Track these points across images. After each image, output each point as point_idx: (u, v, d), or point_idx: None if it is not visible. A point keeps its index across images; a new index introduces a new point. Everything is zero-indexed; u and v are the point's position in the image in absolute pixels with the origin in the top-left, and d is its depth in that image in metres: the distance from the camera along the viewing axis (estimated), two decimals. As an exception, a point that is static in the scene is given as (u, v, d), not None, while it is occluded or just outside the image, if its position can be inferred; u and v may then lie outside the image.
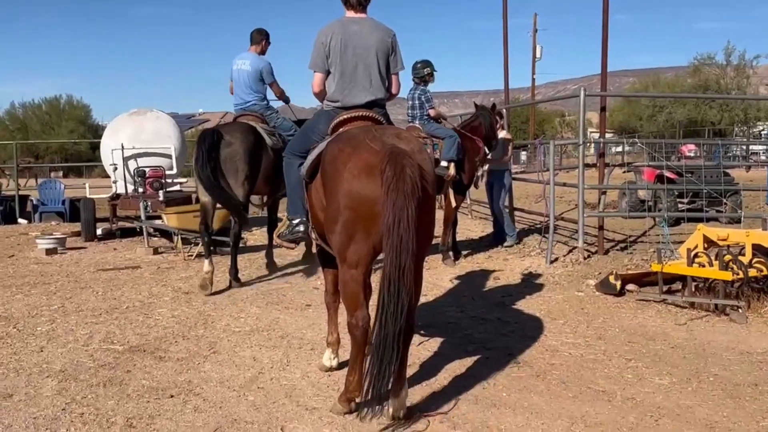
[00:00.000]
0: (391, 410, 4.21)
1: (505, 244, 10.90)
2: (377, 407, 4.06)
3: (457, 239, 10.56)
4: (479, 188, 11.55)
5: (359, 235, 4.18)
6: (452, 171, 9.49)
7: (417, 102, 9.72)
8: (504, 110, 12.46)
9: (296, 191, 5.09)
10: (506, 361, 5.45)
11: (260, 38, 8.87)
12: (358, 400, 4.39)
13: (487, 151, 10.24)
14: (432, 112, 9.75)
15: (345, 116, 4.91)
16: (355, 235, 4.19)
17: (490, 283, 8.59)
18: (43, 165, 37.37)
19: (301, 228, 5.09)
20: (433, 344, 5.93)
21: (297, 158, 5.09)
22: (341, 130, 4.82)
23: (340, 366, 5.15)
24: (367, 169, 4.12)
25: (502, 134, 10.96)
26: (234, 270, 8.39)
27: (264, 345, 5.92)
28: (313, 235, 5.05)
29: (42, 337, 6.16)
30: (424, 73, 9.83)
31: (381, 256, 4.34)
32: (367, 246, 4.20)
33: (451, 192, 9.89)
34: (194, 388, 4.87)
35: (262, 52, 8.93)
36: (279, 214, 10.00)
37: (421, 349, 5.77)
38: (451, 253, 10.03)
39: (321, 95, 5.18)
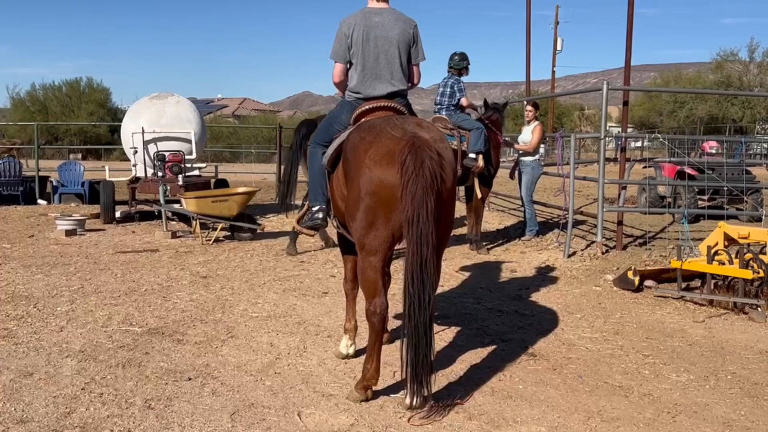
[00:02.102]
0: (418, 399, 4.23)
1: (524, 237, 10.86)
2: (423, 393, 4.15)
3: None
4: (514, 179, 11.60)
5: (379, 221, 4.22)
6: (481, 162, 9.57)
7: (449, 90, 9.92)
8: (525, 103, 12.42)
9: (318, 180, 5.13)
10: (523, 354, 5.45)
11: None
12: (375, 387, 4.43)
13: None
14: (464, 101, 9.93)
15: (367, 106, 4.94)
16: (375, 221, 4.23)
17: (507, 276, 8.57)
18: (62, 147, 37.55)
19: (320, 215, 5.11)
20: (450, 335, 5.94)
21: (321, 147, 5.13)
22: (363, 120, 4.85)
23: (357, 354, 5.18)
24: (387, 156, 4.17)
25: (533, 124, 10.92)
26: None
27: (281, 331, 5.94)
28: (335, 223, 5.11)
29: (62, 317, 6.22)
30: (462, 65, 10.10)
31: (399, 245, 4.37)
32: (386, 233, 4.25)
33: (477, 183, 9.93)
34: (212, 372, 4.90)
35: None
36: (297, 200, 10.04)
37: (438, 339, 5.73)
38: (484, 242, 10.19)
39: (341, 86, 5.22)
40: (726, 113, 46.28)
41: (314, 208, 5.17)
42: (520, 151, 11.04)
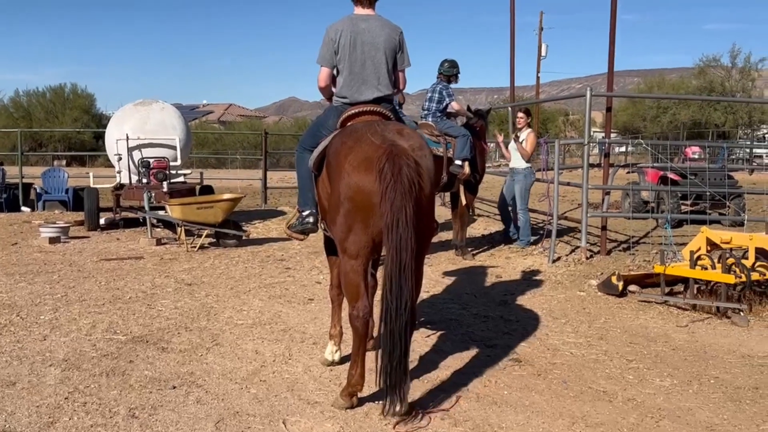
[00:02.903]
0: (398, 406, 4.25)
1: (516, 244, 10.77)
2: (397, 401, 4.14)
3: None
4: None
5: (358, 225, 4.27)
6: (467, 169, 9.60)
7: (437, 96, 9.94)
8: (510, 109, 12.48)
9: (306, 184, 5.17)
10: (508, 360, 5.47)
11: None
12: (360, 394, 4.43)
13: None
14: (455, 105, 9.96)
15: (353, 111, 4.98)
16: (354, 225, 4.28)
17: (493, 281, 8.60)
18: (46, 153, 37.32)
19: (311, 219, 5.15)
20: (435, 341, 5.95)
21: (308, 152, 5.15)
22: (349, 124, 4.89)
23: (342, 360, 5.18)
24: (366, 162, 4.21)
25: (526, 131, 10.88)
26: None
27: (266, 338, 5.93)
28: (322, 226, 5.14)
29: (45, 326, 6.17)
30: (452, 72, 10.13)
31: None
32: (366, 237, 4.28)
33: (463, 190, 9.97)
34: (197, 380, 4.88)
35: None
36: (283, 206, 10.03)
37: (423, 345, 5.79)
38: (470, 248, 10.18)
39: (326, 90, 5.26)
40: (709, 118, 46.66)
41: (304, 213, 5.21)
42: (509, 160, 11.00)
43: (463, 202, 10.05)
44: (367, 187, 4.17)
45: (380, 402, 4.37)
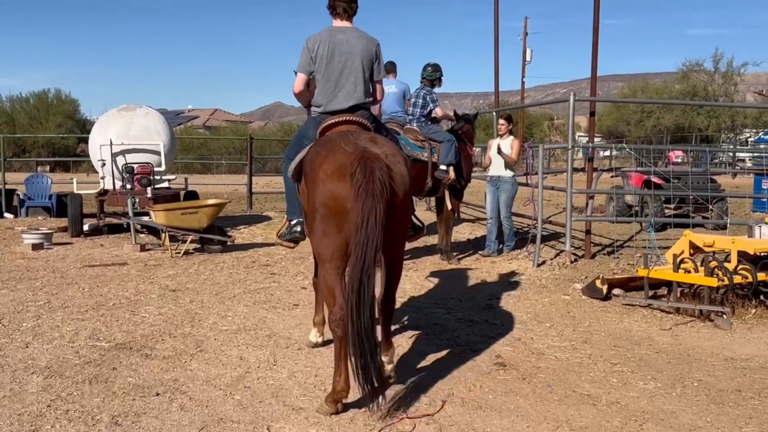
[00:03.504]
0: (388, 368, 4.85)
1: (498, 252, 10.61)
2: (375, 396, 4.25)
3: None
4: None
5: (332, 230, 4.39)
6: (452, 174, 9.60)
7: (420, 101, 9.92)
8: (494, 113, 12.51)
9: (293, 193, 5.31)
10: (492, 364, 5.47)
11: (393, 68, 10.26)
12: (345, 400, 4.42)
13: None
14: (439, 111, 9.95)
15: (330, 121, 5.15)
16: (328, 231, 4.41)
17: (478, 286, 8.61)
18: (30, 159, 37.05)
19: (299, 228, 5.31)
20: (420, 346, 5.94)
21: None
22: (327, 134, 5.02)
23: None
24: (339, 170, 4.35)
25: (509, 138, 10.75)
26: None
27: (251, 344, 5.91)
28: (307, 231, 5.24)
29: (28, 333, 6.12)
30: (435, 76, 10.12)
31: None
32: (339, 241, 4.38)
33: (448, 195, 9.96)
34: (180, 387, 4.86)
35: (395, 77, 10.25)
36: (268, 212, 10.01)
37: (408, 350, 5.78)
38: (454, 253, 10.18)
39: (302, 96, 5.42)
40: (692, 122, 47.06)
41: (292, 222, 5.38)
42: (487, 166, 10.85)
43: (449, 206, 10.06)
44: (340, 194, 4.31)
45: (365, 409, 4.38)
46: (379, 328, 4.56)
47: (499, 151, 10.36)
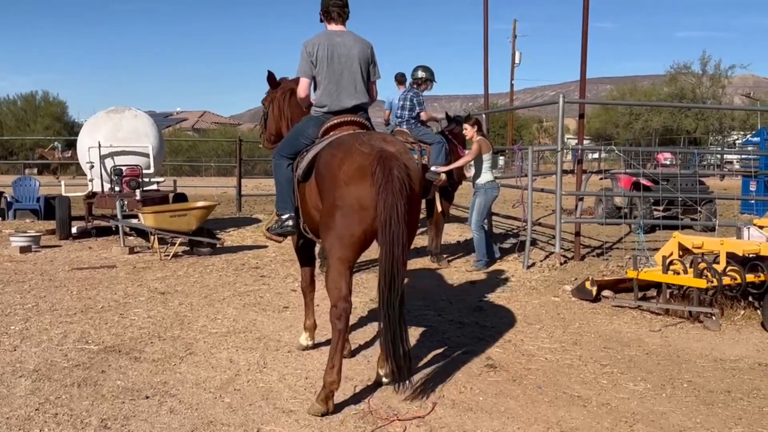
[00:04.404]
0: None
1: (471, 268, 9.74)
2: (407, 381, 4.57)
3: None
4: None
5: (350, 228, 4.52)
6: (443, 176, 9.58)
7: (408, 103, 9.88)
8: (483, 116, 12.52)
9: (286, 189, 5.38)
10: (483, 365, 5.47)
11: (404, 79, 10.66)
12: (335, 401, 4.43)
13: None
14: (424, 115, 9.92)
15: (334, 121, 5.28)
16: (347, 228, 4.53)
17: (468, 288, 8.61)
18: (17, 162, 36.84)
19: (291, 222, 5.38)
20: (411, 348, 5.92)
21: (286, 160, 5.40)
22: (332, 134, 5.13)
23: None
24: (359, 171, 4.48)
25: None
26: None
27: (241, 347, 5.89)
28: (306, 229, 5.36)
29: (16, 336, 6.08)
30: (422, 78, 10.11)
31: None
32: (355, 238, 4.55)
33: (438, 197, 9.94)
34: (170, 390, 4.83)
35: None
36: (258, 214, 9.97)
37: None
38: (444, 255, 10.16)
39: (306, 100, 5.56)
40: (680, 125, 47.31)
41: (283, 216, 5.43)
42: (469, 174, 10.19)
43: (439, 209, 10.04)
44: (361, 194, 4.45)
45: (356, 407, 4.37)
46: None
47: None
